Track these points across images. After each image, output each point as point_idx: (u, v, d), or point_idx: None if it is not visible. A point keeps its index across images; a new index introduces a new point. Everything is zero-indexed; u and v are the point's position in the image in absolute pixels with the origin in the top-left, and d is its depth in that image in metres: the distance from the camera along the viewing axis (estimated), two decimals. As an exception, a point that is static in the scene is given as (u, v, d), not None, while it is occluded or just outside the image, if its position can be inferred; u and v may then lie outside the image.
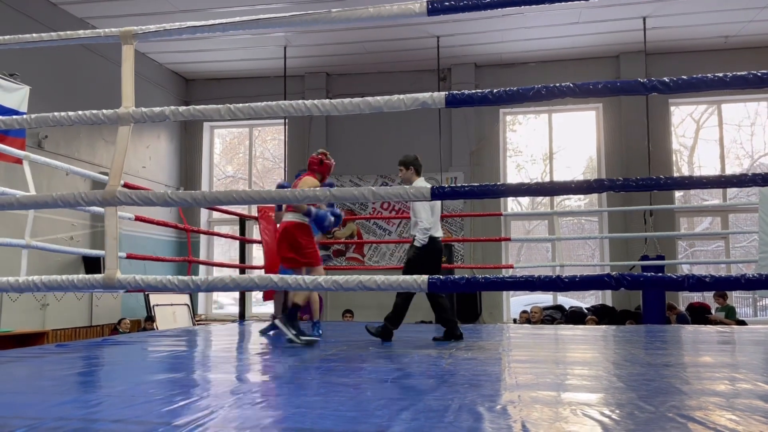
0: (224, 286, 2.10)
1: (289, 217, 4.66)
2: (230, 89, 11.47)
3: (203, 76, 11.76)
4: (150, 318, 9.22)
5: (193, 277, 2.11)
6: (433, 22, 9.20)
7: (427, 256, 4.71)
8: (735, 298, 10.55)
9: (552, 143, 11.21)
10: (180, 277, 2.15)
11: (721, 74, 1.94)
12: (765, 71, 1.89)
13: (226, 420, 1.95)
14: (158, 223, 5.87)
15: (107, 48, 8.85)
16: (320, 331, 5.05)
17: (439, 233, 4.79)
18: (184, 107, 2.31)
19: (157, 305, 9.42)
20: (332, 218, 4.74)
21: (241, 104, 2.21)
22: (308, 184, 4.66)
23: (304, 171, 4.96)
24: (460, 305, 9.80)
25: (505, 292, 10.58)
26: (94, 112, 2.40)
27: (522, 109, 11.22)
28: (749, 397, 2.34)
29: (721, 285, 1.84)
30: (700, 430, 1.83)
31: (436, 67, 10.47)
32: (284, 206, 4.80)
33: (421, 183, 4.80)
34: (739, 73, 1.93)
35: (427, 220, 4.68)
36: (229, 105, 2.20)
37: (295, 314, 4.48)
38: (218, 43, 10.16)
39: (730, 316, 9.02)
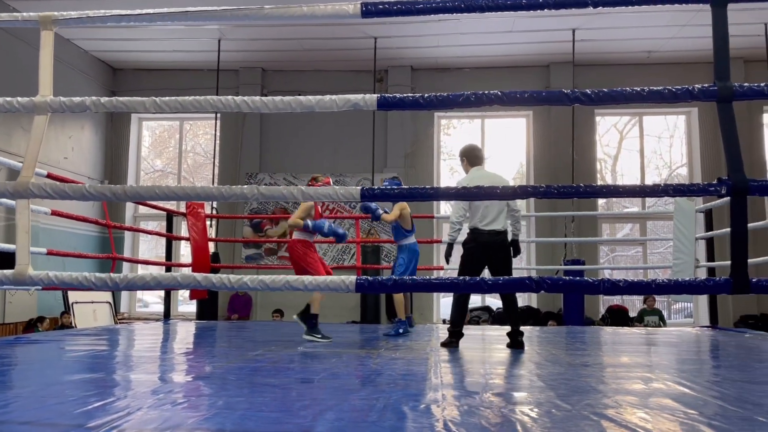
0: (144, 285, 2.03)
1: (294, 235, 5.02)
2: (160, 81, 11.12)
3: (132, 66, 11.37)
4: (66, 312, 8.82)
5: (112, 274, 2.04)
6: (369, 23, 9.24)
7: (468, 253, 4.35)
8: (651, 301, 11.07)
9: (484, 148, 11.44)
10: (97, 274, 2.06)
11: (638, 88, 2.04)
12: (678, 87, 2.00)
13: (143, 421, 1.89)
14: (76, 218, 5.59)
15: (28, 32, 8.42)
16: (400, 330, 5.31)
17: (487, 226, 4.31)
18: (107, 98, 2.22)
19: (76, 303, 9.02)
20: (330, 227, 4.88)
21: (167, 98, 2.15)
22: (301, 207, 4.92)
23: None
24: (391, 305, 9.86)
25: (435, 293, 10.73)
26: (8, 99, 2.28)
27: (456, 113, 11.41)
28: (660, 396, 2.46)
29: (634, 289, 1.94)
30: (611, 427, 1.91)
31: (373, 68, 10.51)
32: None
33: (475, 173, 4.48)
34: (655, 88, 2.03)
35: (456, 215, 4.36)
36: (155, 98, 2.14)
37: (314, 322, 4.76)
38: (148, 32, 9.84)
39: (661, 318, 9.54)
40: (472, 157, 4.61)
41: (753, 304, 9.88)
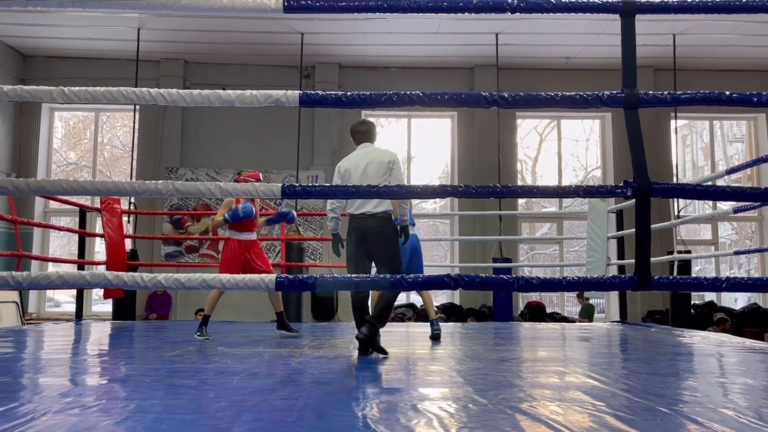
0: (50, 284, 1.93)
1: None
2: (75, 69, 10.57)
3: (44, 53, 10.76)
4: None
5: (14, 272, 1.92)
6: (295, 18, 9.13)
7: (347, 244, 3.92)
8: (567, 297, 11.53)
9: (410, 147, 11.57)
10: (-3, 272, 1.95)
11: (553, 93, 2.12)
12: (589, 93, 2.09)
13: (48, 427, 1.80)
14: (-21, 212, 5.25)
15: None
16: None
17: (357, 209, 3.84)
18: (10, 87, 2.09)
19: (-21, 303, 8.47)
20: (246, 207, 4.77)
21: (77, 88, 2.05)
22: (223, 204, 4.99)
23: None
24: (316, 304, 9.83)
25: (360, 291, 10.74)
26: None
27: (383, 112, 11.46)
28: (572, 389, 2.56)
29: (546, 286, 2.01)
30: (524, 420, 1.98)
31: (299, 64, 10.40)
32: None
33: (356, 152, 4.07)
34: (568, 93, 2.12)
35: (329, 203, 3.97)
36: (63, 88, 2.03)
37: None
38: (62, 17, 9.34)
39: (590, 315, 9.92)
40: (355, 133, 4.24)
41: (659, 300, 10.45)
